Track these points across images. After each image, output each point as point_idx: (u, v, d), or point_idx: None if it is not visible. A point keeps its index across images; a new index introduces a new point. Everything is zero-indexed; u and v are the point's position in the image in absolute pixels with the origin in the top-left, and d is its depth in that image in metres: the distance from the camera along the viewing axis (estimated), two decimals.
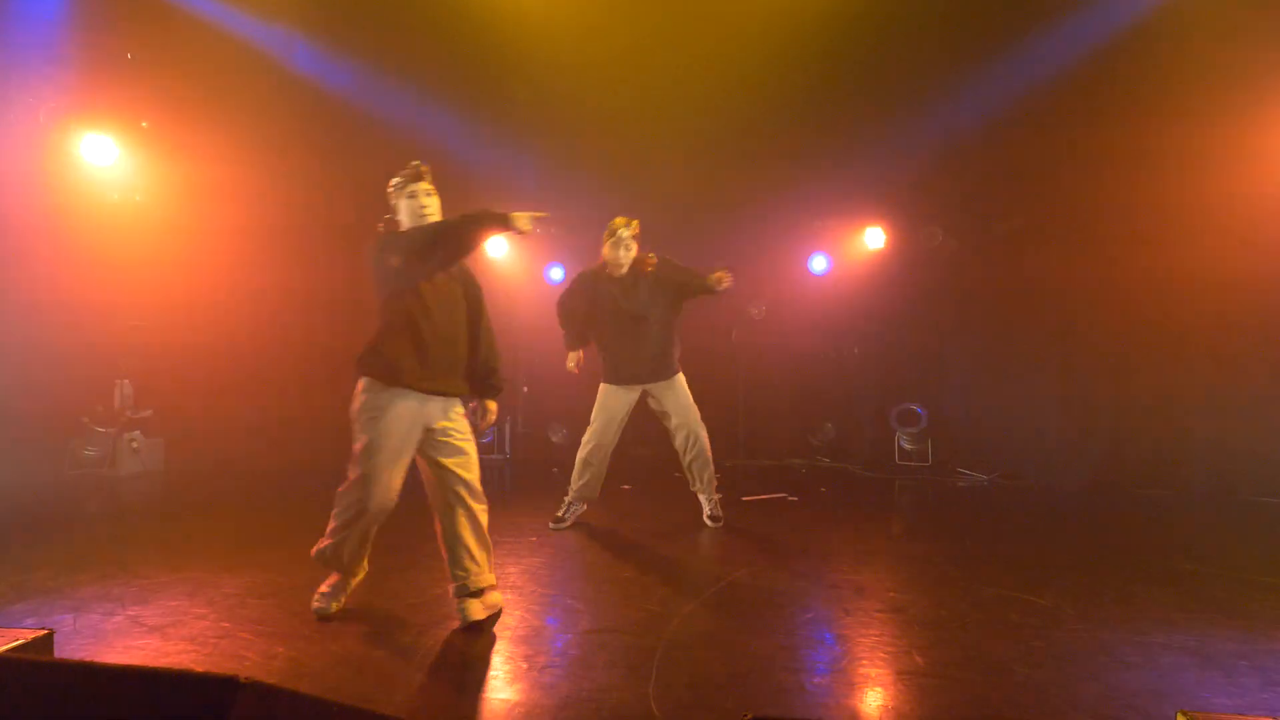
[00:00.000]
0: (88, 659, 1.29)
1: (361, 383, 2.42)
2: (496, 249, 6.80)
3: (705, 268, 3.76)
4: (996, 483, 5.69)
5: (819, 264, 6.63)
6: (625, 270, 3.75)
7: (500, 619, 2.53)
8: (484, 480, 2.54)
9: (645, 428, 3.97)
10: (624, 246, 3.70)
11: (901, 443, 6.34)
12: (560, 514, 3.99)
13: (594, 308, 3.81)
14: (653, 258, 3.78)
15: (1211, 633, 2.47)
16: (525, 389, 7.04)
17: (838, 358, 6.81)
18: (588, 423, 3.94)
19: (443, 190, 2.56)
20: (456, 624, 2.47)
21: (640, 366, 3.79)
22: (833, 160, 6.08)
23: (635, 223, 3.75)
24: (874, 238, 6.55)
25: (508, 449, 6.87)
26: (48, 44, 4.90)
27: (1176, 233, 5.04)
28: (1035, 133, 5.59)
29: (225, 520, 4.25)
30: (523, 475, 6.03)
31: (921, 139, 5.91)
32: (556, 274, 6.86)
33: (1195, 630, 2.49)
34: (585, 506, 4.09)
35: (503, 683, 2.09)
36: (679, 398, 3.82)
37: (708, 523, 3.90)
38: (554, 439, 6.81)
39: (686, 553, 3.45)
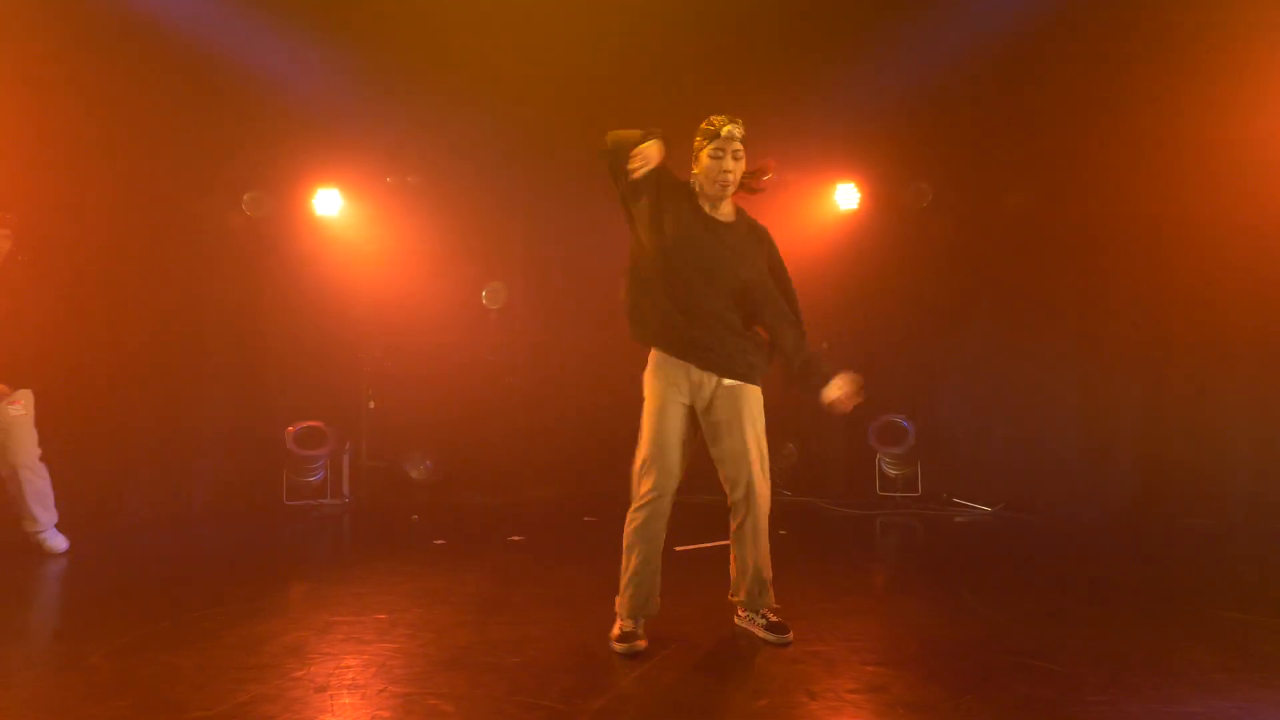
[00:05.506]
0: None
1: None
2: (328, 207, 6.58)
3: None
4: (1002, 516, 5.98)
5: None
6: (727, 200, 3.23)
7: None
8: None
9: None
10: (731, 154, 3.11)
11: (884, 467, 6.54)
12: (620, 631, 3.16)
13: (667, 220, 3.13)
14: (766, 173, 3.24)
15: (1261, 698, 2.62)
16: (372, 404, 6.84)
17: None
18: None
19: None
20: None
21: (701, 339, 3.15)
22: (789, 95, 6.16)
23: (740, 123, 3.16)
24: (846, 196, 6.72)
25: (346, 490, 6.63)
26: None
27: (1229, 204, 5.32)
28: (1061, 68, 5.81)
29: None
30: (369, 527, 5.84)
31: (911, 68, 6.04)
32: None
33: (1240, 696, 2.63)
34: (653, 606, 3.22)
35: None
36: (746, 418, 3.18)
37: (767, 638, 3.21)
38: (414, 475, 6.66)
39: (595, 627, 3.41)
